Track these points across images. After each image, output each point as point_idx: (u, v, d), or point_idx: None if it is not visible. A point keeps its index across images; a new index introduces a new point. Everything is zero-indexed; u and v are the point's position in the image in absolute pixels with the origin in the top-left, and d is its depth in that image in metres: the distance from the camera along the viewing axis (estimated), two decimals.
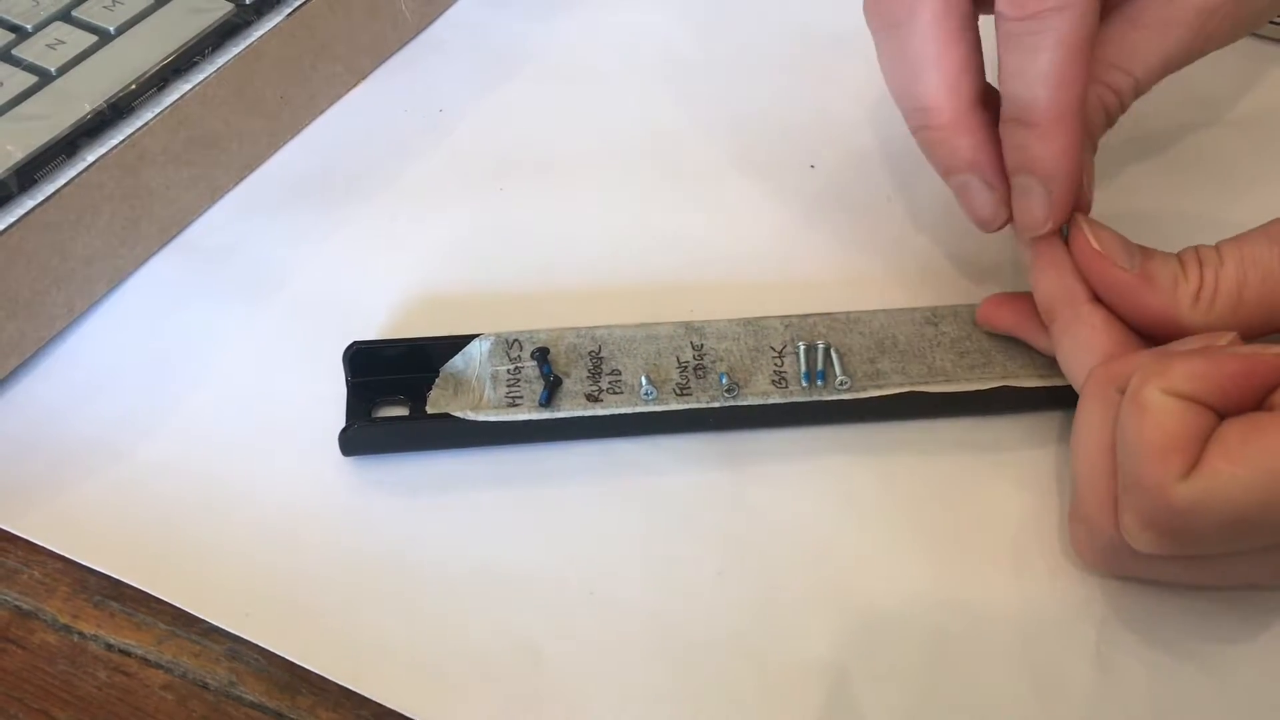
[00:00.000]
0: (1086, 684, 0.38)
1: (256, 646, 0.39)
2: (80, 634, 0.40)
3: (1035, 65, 0.39)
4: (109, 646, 0.40)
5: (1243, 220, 0.49)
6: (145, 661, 0.39)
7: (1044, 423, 0.43)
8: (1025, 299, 0.43)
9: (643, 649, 0.39)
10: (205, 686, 0.39)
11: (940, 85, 0.41)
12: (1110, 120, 0.43)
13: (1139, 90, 0.43)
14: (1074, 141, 0.40)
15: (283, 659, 0.39)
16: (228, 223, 0.51)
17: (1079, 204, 0.42)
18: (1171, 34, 0.42)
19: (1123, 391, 0.36)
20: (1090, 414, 0.38)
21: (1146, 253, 0.41)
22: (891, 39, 0.43)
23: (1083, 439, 0.38)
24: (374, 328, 0.47)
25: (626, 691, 0.38)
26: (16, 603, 0.41)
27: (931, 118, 0.42)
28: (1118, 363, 0.38)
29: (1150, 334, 0.40)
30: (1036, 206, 0.41)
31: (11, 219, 0.45)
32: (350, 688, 0.38)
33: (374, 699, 0.38)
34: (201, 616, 0.40)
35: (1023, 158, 0.40)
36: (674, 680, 0.38)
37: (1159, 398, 0.35)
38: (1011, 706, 0.37)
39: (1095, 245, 0.41)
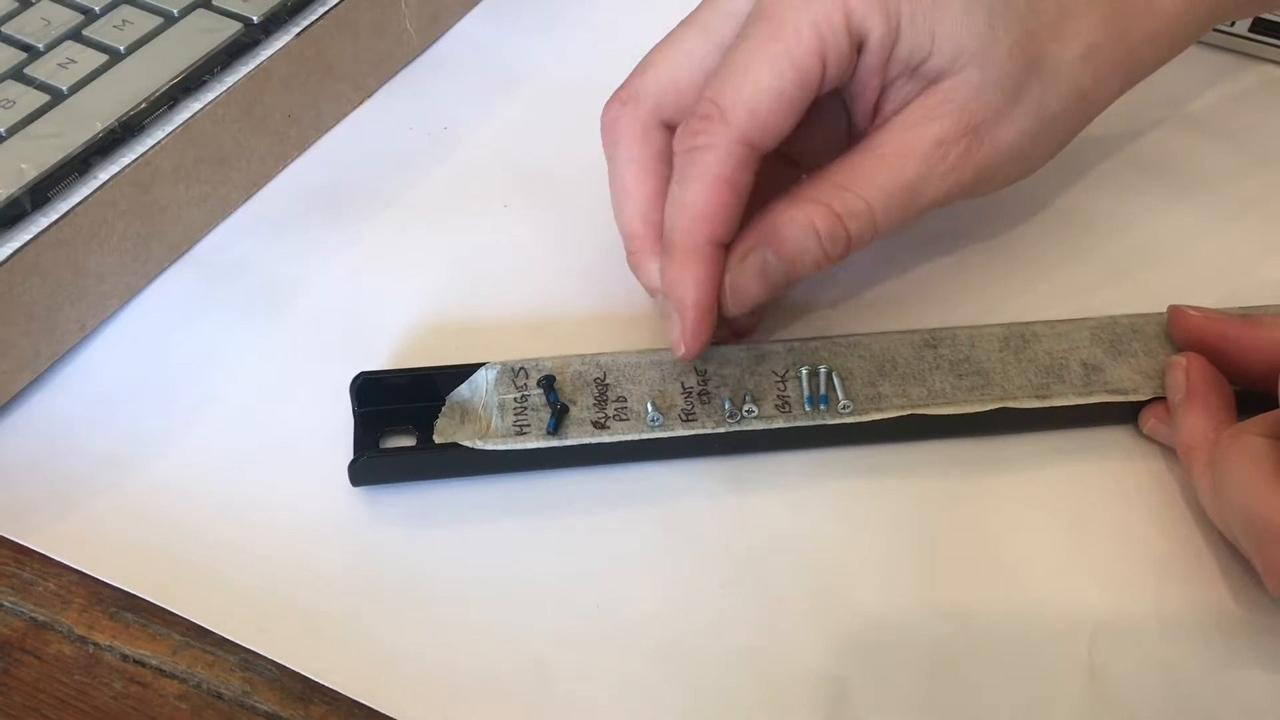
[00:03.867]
0: (1080, 696, 0.38)
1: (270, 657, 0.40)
2: (96, 645, 0.41)
3: (682, 196, 0.41)
4: (124, 657, 0.40)
5: (1209, 224, 0.50)
6: (160, 672, 0.40)
7: (1041, 442, 0.44)
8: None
9: (648, 662, 0.39)
10: (219, 696, 0.39)
11: (635, 214, 0.44)
12: (832, 248, 0.43)
13: (876, 219, 0.43)
14: (705, 275, 0.42)
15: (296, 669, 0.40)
16: (237, 240, 0.52)
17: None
18: (909, 163, 0.42)
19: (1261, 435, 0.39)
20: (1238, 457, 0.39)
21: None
22: (609, 164, 0.47)
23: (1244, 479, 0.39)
24: (380, 346, 0.48)
25: (632, 703, 0.39)
26: (32, 614, 0.41)
27: (629, 243, 0.45)
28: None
29: (1269, 378, 0.42)
30: (674, 330, 0.42)
31: (26, 237, 0.45)
32: (363, 702, 0.39)
33: (385, 712, 0.38)
34: (216, 631, 0.40)
35: (665, 282, 0.42)
36: (678, 692, 0.39)
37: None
38: (1008, 718, 0.38)
39: (1197, 311, 0.44)
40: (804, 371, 0.44)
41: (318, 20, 0.54)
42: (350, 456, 0.43)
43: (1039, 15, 0.43)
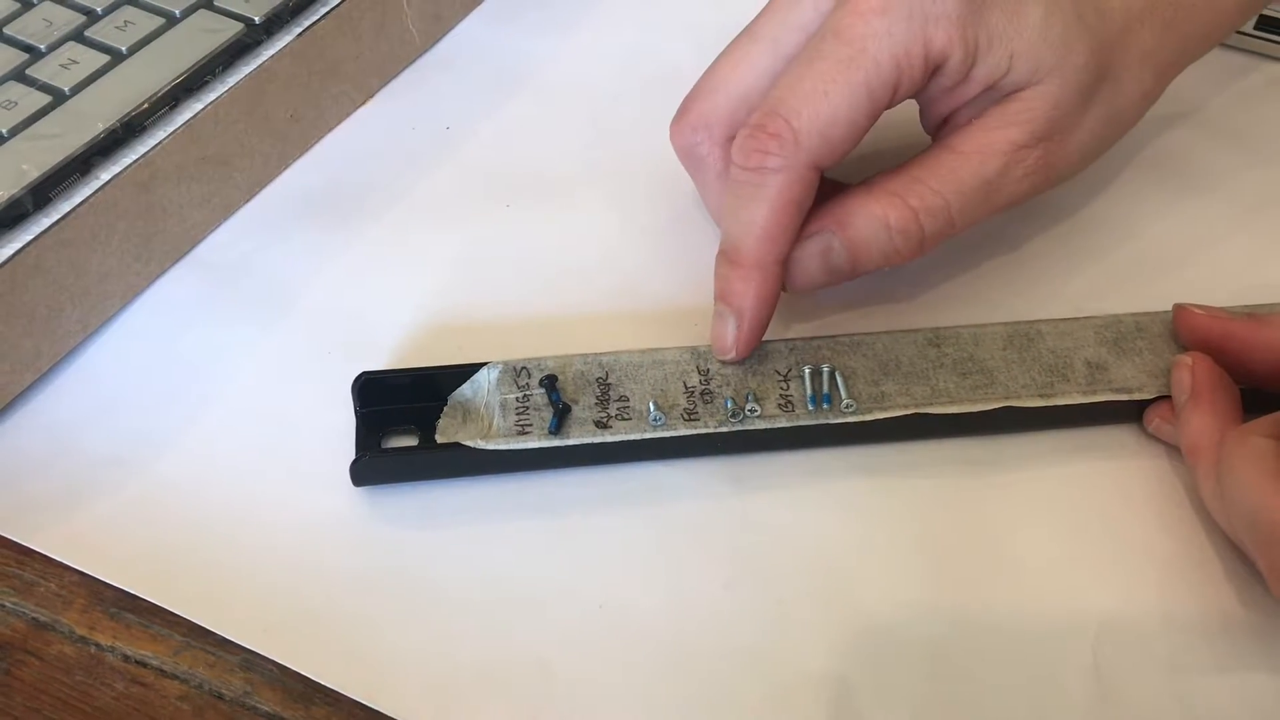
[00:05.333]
0: (1084, 697, 0.38)
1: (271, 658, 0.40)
2: (97, 645, 0.41)
3: (749, 214, 0.42)
4: (126, 658, 0.40)
5: (1214, 222, 0.50)
6: (161, 672, 0.40)
7: (1045, 442, 0.44)
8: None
9: (651, 662, 0.39)
10: (221, 697, 0.39)
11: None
12: (903, 243, 0.44)
13: (952, 215, 0.44)
14: (769, 288, 0.43)
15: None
16: (238, 240, 0.52)
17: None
18: (990, 162, 0.43)
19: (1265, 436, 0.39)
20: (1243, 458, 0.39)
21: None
22: (697, 185, 0.49)
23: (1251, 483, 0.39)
24: (382, 346, 0.48)
25: (634, 703, 0.39)
26: (34, 615, 0.41)
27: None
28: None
29: (1275, 377, 0.43)
30: (728, 334, 0.43)
31: (28, 237, 0.45)
32: (365, 703, 0.39)
33: (387, 713, 0.38)
34: (217, 631, 0.40)
35: (724, 289, 0.43)
36: (681, 692, 0.39)
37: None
38: (1011, 718, 0.38)
39: (1202, 310, 0.44)
40: (807, 371, 0.44)
41: (319, 20, 0.54)
42: (352, 456, 0.43)
43: (1108, 25, 0.44)
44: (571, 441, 0.43)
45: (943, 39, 0.41)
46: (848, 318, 0.48)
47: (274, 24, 0.53)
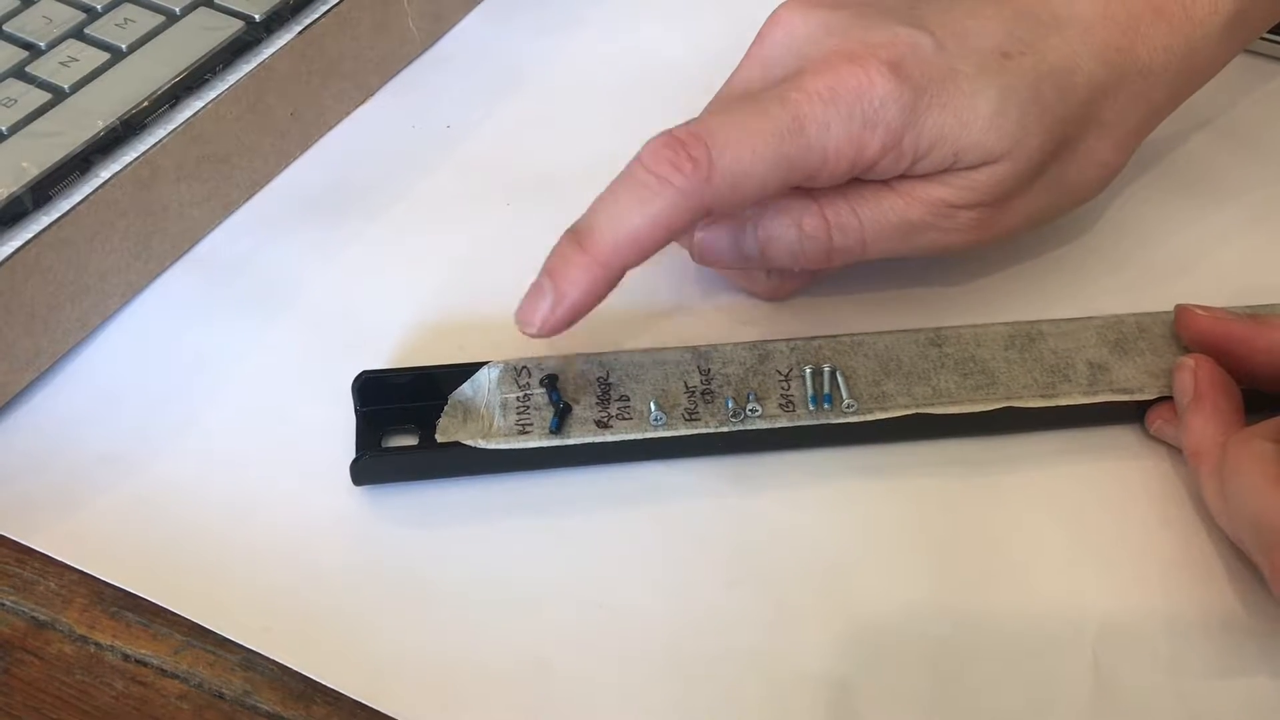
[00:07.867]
0: (1085, 697, 0.38)
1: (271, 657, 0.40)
2: (97, 644, 0.41)
3: (624, 212, 0.41)
4: (125, 657, 0.40)
5: (1229, 227, 0.50)
6: (161, 671, 0.40)
7: (1046, 442, 0.44)
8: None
9: (651, 662, 0.39)
10: (221, 696, 0.39)
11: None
12: (811, 247, 0.44)
13: (865, 238, 0.44)
14: (604, 286, 0.41)
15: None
16: (239, 238, 0.52)
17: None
18: (915, 207, 0.43)
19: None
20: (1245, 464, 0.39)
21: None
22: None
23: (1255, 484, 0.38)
24: (382, 345, 0.48)
25: (635, 703, 0.39)
26: (33, 614, 0.41)
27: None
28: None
29: (1278, 379, 0.43)
30: (540, 309, 0.41)
31: (27, 235, 0.45)
32: (364, 702, 0.38)
33: (387, 712, 0.38)
34: (217, 631, 0.40)
35: (559, 268, 0.41)
36: (681, 692, 0.39)
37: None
38: (1012, 719, 0.38)
39: (1205, 311, 0.44)
40: (808, 370, 0.44)
41: (320, 18, 0.54)
42: (352, 455, 0.43)
43: (1069, 102, 0.43)
44: (572, 441, 0.42)
45: (876, 146, 0.41)
46: (849, 317, 0.48)
47: (274, 22, 0.53)
